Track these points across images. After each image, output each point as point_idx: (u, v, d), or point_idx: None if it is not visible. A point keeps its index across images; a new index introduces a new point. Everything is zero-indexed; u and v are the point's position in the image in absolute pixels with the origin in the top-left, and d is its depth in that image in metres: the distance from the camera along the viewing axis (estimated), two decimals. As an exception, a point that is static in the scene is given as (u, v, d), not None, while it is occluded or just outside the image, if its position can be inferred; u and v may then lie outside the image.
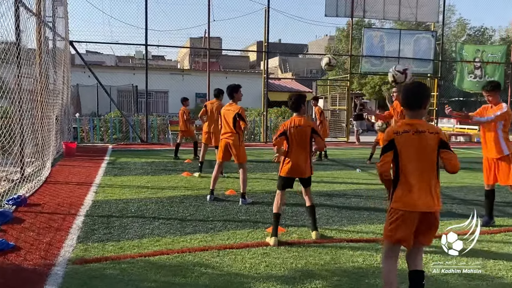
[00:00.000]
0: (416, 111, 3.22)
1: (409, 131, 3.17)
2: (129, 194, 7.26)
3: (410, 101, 3.24)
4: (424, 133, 3.15)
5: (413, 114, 3.23)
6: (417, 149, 3.14)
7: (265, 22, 16.34)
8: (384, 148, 3.25)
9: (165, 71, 30.52)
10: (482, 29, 37.08)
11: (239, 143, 6.94)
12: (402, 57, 17.65)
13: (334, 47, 38.77)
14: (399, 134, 3.19)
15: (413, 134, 3.15)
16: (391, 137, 3.21)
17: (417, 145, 3.14)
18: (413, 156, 3.15)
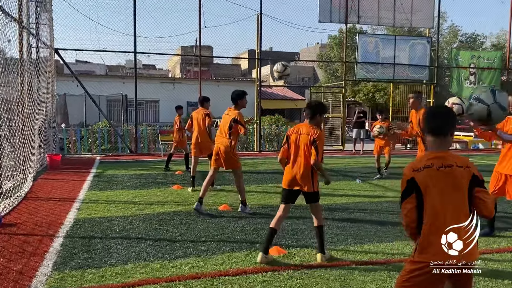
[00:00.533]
0: (441, 139, 2.60)
1: (432, 165, 2.55)
2: (114, 211, 6.71)
3: (436, 126, 2.62)
4: (452, 168, 2.54)
5: (437, 142, 2.61)
6: (443, 188, 2.52)
7: (258, 28, 15.92)
8: (403, 192, 2.63)
9: (155, 80, 30.04)
10: (474, 35, 37.09)
11: (230, 149, 6.60)
12: (397, 63, 17.32)
13: (326, 55, 38.53)
14: (419, 171, 2.56)
15: (438, 169, 2.54)
16: (409, 176, 2.58)
17: (443, 183, 2.52)
18: (437, 198, 2.53)
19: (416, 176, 2.55)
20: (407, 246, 5.07)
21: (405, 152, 17.73)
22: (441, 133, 2.60)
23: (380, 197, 8.02)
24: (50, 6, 13.10)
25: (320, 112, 4.67)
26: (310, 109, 4.65)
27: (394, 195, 8.28)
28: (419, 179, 2.54)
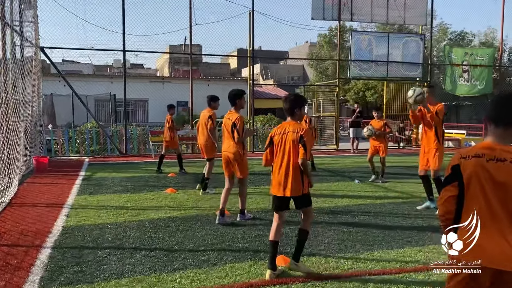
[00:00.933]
0: (504, 130, 2.29)
1: (482, 155, 2.25)
2: (105, 217, 6.33)
3: (501, 114, 2.30)
4: (504, 163, 2.20)
5: (498, 133, 2.29)
6: (489, 183, 2.22)
7: (250, 25, 15.58)
8: (446, 178, 2.36)
9: (144, 79, 29.54)
10: (462, 33, 37.19)
11: (240, 157, 6.05)
12: (391, 61, 17.11)
13: (316, 53, 38.32)
14: (467, 159, 2.28)
15: (488, 161, 2.23)
16: (455, 162, 2.32)
17: (490, 177, 2.21)
18: (481, 192, 2.24)
19: (462, 164, 2.28)
20: (420, 252, 4.79)
21: (399, 151, 17.55)
22: (505, 122, 2.28)
23: (382, 199, 7.74)
24: (34, 3, 12.62)
25: (299, 106, 4.27)
26: (288, 104, 4.26)
27: (396, 195, 8.02)
28: (464, 167, 2.27)
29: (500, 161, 2.21)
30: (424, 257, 4.67)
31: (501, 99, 2.39)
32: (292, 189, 4.12)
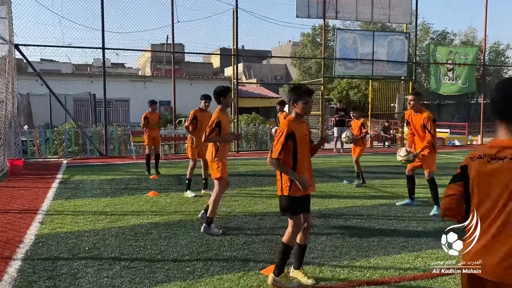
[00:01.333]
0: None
1: (484, 156, 2.01)
2: (83, 224, 5.93)
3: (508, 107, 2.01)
4: (504, 161, 1.94)
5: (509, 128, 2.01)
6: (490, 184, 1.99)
7: (233, 23, 15.23)
8: (454, 176, 2.18)
9: (125, 78, 28.93)
10: (444, 33, 37.51)
11: (212, 157, 5.77)
12: (376, 59, 16.96)
13: (299, 52, 38.17)
14: (473, 160, 2.06)
15: (489, 161, 1.99)
16: (464, 163, 2.11)
17: (489, 178, 1.99)
18: (483, 195, 2.02)
19: (469, 165, 2.09)
20: (418, 258, 4.54)
21: (384, 150, 17.43)
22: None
23: (373, 199, 7.50)
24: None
25: (297, 96, 3.83)
26: (290, 94, 3.93)
27: (386, 196, 7.79)
28: (470, 169, 2.08)
29: (500, 160, 1.98)
30: (422, 263, 4.41)
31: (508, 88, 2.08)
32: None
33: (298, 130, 3.82)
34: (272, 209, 6.78)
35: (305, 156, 3.92)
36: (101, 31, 13.66)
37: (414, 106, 6.63)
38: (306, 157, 3.93)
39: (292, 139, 3.77)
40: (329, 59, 18.18)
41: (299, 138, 3.81)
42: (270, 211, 6.66)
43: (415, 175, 7.00)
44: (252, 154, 15.32)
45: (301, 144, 3.83)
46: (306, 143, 3.95)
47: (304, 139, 3.90)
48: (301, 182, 3.71)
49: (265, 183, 9.15)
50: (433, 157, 6.55)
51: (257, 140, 16.92)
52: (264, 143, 16.93)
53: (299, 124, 3.87)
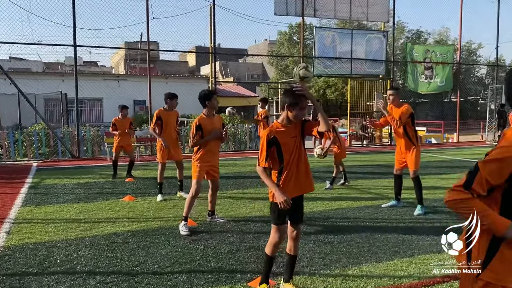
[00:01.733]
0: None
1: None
2: (54, 233, 5.52)
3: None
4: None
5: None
6: None
7: (211, 20, 14.89)
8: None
9: (98, 77, 28.16)
10: (418, 32, 38.01)
11: (192, 159, 5.86)
12: (354, 58, 16.91)
13: (276, 51, 38.00)
14: None
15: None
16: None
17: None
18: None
19: None
20: (411, 264, 4.34)
21: (364, 149, 17.41)
22: None
23: (358, 201, 7.32)
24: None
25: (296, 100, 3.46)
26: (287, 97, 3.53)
27: (371, 197, 7.63)
28: None
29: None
30: (416, 270, 4.22)
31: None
32: None
33: (283, 134, 3.53)
34: (256, 213, 6.51)
35: (295, 160, 3.62)
36: (73, 28, 13.13)
37: (393, 101, 6.55)
38: (296, 161, 3.63)
39: (275, 145, 3.51)
40: (307, 58, 18.04)
41: (284, 143, 3.52)
42: (254, 215, 6.39)
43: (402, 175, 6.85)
44: (231, 154, 15.02)
45: (287, 149, 3.54)
46: (296, 146, 3.62)
47: (292, 142, 3.57)
48: (278, 197, 3.40)
49: (246, 185, 8.88)
50: (417, 155, 6.41)
51: (236, 140, 16.61)
52: (243, 143, 16.65)
53: (286, 129, 3.56)
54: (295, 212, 3.68)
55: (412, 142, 6.40)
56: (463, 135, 21.46)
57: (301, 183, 3.61)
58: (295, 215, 3.69)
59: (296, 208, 3.67)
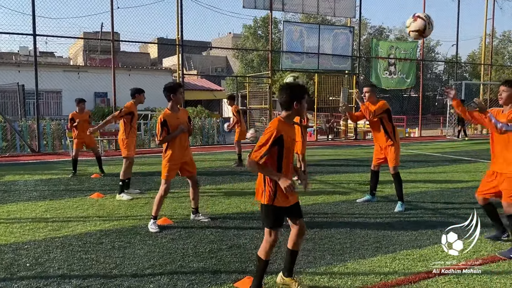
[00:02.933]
0: None
1: None
2: (20, 234, 5.19)
3: None
4: None
5: None
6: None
7: (177, 11, 14.55)
8: None
9: (57, 68, 27.01)
10: (380, 28, 38.83)
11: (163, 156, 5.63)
12: (321, 53, 17.00)
13: (241, 44, 37.81)
14: None
15: None
16: None
17: None
18: None
19: None
20: (395, 260, 4.35)
21: (330, 144, 17.58)
22: None
23: (333, 195, 7.33)
24: None
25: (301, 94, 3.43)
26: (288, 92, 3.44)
27: (345, 191, 7.65)
28: None
29: None
30: (401, 266, 4.22)
31: None
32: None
33: (288, 133, 3.44)
34: (233, 209, 6.39)
35: (289, 164, 3.54)
36: (32, 16, 12.46)
37: (370, 98, 6.51)
38: (290, 165, 3.55)
39: (278, 144, 3.38)
40: (276, 52, 17.98)
41: (287, 142, 3.42)
42: (231, 212, 6.27)
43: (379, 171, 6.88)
44: (199, 149, 14.79)
45: (288, 150, 3.45)
46: (293, 149, 3.59)
47: (292, 144, 3.52)
48: (283, 182, 3.29)
49: (219, 181, 8.72)
50: (396, 151, 6.45)
51: (203, 134, 16.37)
52: (211, 137, 16.43)
53: (290, 127, 3.49)
54: (293, 210, 3.57)
55: (391, 138, 6.40)
56: (424, 130, 22.08)
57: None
58: (294, 212, 3.59)
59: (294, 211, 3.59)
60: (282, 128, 3.38)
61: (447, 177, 9.23)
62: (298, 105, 3.42)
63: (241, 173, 9.59)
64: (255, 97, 20.27)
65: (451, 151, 14.32)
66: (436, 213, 6.26)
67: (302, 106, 3.44)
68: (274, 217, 3.46)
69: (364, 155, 12.97)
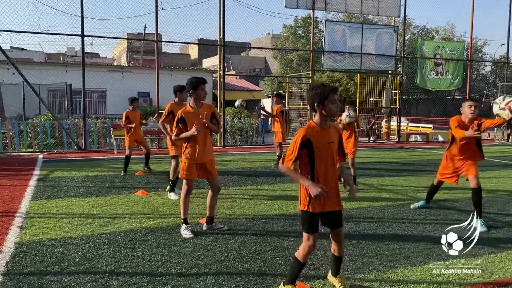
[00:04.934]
0: None
1: None
2: (69, 229, 5.32)
3: None
4: None
5: None
6: None
7: (220, 11, 14.63)
8: None
9: (102, 68, 27.85)
10: (425, 28, 37.75)
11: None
12: (364, 53, 16.66)
13: (281, 45, 37.72)
14: None
15: None
16: None
17: None
18: None
19: None
20: (448, 270, 4.13)
21: (372, 146, 17.19)
22: None
23: (379, 201, 7.11)
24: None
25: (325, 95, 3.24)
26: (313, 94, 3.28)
27: (391, 197, 7.42)
28: None
29: None
30: (455, 275, 4.02)
31: None
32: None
33: (319, 137, 3.31)
34: (275, 211, 6.32)
35: (329, 169, 3.37)
36: (80, 17, 12.86)
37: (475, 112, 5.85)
38: (330, 170, 3.38)
39: (307, 149, 3.28)
40: (317, 52, 17.78)
41: (318, 146, 3.29)
42: (274, 213, 6.20)
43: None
44: (238, 149, 14.81)
45: (321, 155, 3.31)
46: (331, 153, 3.38)
47: (328, 148, 3.34)
48: (312, 189, 3.18)
49: (260, 182, 8.66)
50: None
51: (242, 135, 16.40)
52: (250, 138, 16.44)
53: (323, 130, 3.34)
54: (329, 217, 3.45)
55: (481, 152, 5.85)
56: (470, 133, 21.21)
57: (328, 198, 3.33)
58: (330, 220, 3.47)
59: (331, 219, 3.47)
60: (310, 132, 3.29)
61: (498, 183, 8.81)
62: (321, 107, 3.28)
63: (282, 174, 9.49)
64: (293, 97, 20.16)
65: (501, 156, 13.68)
66: (490, 220, 5.95)
67: (328, 108, 3.28)
68: (309, 223, 3.40)
69: (408, 157, 12.58)
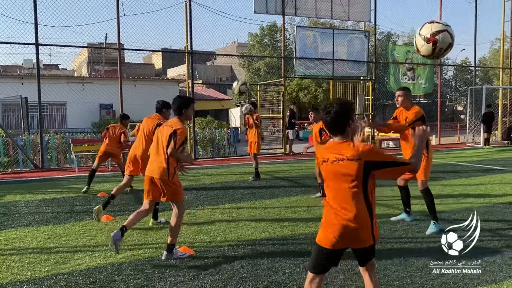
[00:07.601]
0: None
1: None
2: (18, 270, 4.43)
3: None
4: None
5: None
6: None
7: (186, 18, 13.89)
8: None
9: (61, 80, 26.46)
10: (389, 34, 38.17)
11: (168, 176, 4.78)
12: (336, 58, 16.28)
13: (247, 53, 37.22)
14: None
15: None
16: None
17: None
18: None
19: None
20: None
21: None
22: None
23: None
24: None
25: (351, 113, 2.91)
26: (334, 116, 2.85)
27: (381, 210, 6.85)
28: None
29: None
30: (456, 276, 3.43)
31: None
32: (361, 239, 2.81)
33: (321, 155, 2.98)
34: (260, 234, 5.60)
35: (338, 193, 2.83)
36: (34, 24, 11.82)
37: (403, 103, 5.80)
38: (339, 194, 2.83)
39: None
40: (289, 59, 17.29)
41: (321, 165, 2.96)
42: (260, 237, 5.47)
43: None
44: (210, 162, 14.03)
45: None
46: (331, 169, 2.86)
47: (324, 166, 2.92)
48: None
49: (239, 198, 7.94)
50: (427, 165, 5.54)
51: (214, 146, 15.64)
52: (221, 149, 15.70)
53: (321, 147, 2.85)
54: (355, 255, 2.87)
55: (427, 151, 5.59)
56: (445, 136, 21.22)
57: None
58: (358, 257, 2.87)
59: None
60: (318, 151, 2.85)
61: (487, 190, 8.43)
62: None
63: (261, 188, 8.83)
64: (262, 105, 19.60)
65: (478, 160, 13.49)
66: (495, 234, 5.45)
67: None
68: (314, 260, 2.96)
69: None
